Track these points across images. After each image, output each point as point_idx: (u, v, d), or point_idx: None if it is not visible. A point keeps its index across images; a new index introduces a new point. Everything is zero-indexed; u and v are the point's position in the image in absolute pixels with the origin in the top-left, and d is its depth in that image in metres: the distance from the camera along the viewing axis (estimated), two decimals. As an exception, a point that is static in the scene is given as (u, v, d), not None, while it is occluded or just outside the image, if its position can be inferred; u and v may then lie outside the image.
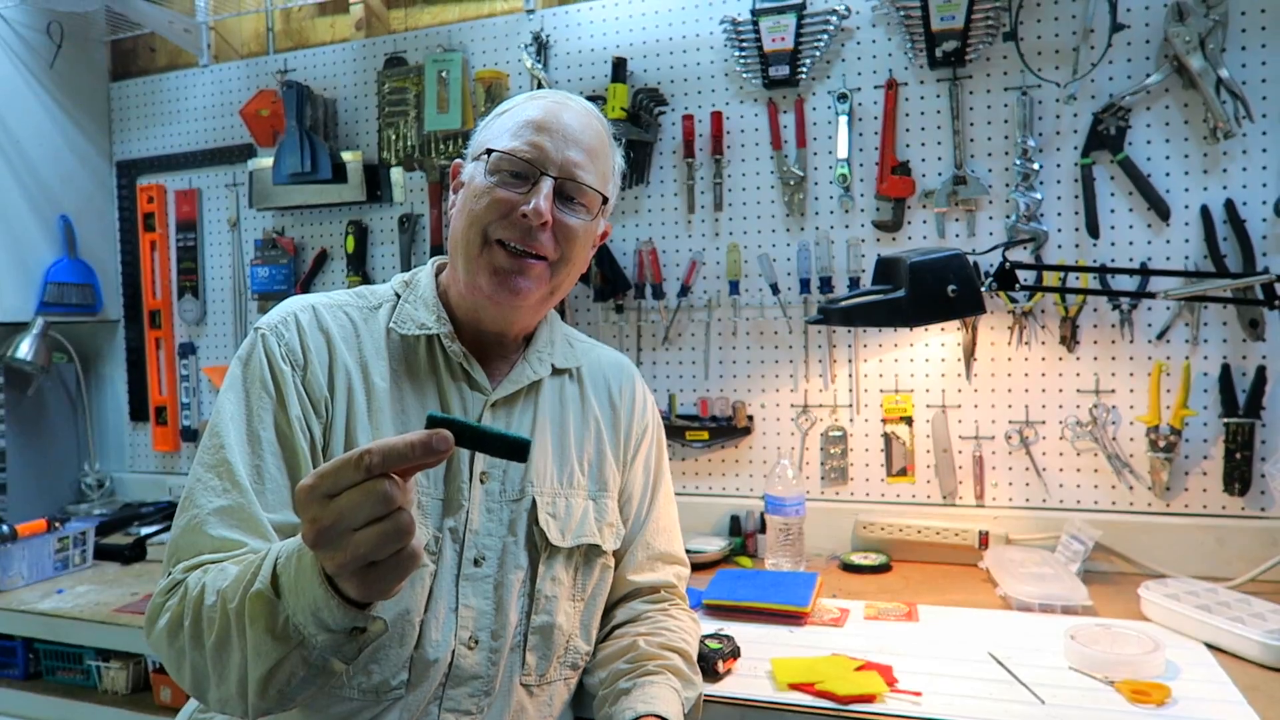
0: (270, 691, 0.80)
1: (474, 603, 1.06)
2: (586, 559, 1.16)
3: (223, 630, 0.82)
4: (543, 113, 1.09)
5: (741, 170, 2.02)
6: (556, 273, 1.09)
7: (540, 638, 1.10)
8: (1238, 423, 1.68)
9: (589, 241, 1.14)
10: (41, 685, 1.81)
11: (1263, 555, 1.61)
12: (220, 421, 1.01)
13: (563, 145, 1.07)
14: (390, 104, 2.28)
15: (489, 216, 1.05)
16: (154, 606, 0.92)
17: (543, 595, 1.10)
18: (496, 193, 1.05)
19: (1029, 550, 1.73)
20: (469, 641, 1.05)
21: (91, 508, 2.47)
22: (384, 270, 2.34)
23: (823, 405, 1.97)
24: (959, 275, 1.41)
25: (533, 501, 1.11)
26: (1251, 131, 1.69)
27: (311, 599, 0.73)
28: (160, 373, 2.57)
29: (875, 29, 1.92)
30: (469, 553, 1.06)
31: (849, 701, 1.17)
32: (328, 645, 0.76)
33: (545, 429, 1.16)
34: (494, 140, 1.09)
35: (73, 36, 2.47)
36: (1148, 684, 1.17)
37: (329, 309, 1.10)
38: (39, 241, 2.39)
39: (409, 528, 0.66)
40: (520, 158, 1.06)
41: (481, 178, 1.07)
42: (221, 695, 0.85)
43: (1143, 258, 1.76)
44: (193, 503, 0.96)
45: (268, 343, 1.05)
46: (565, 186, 1.07)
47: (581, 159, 1.08)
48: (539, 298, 1.10)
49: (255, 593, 0.78)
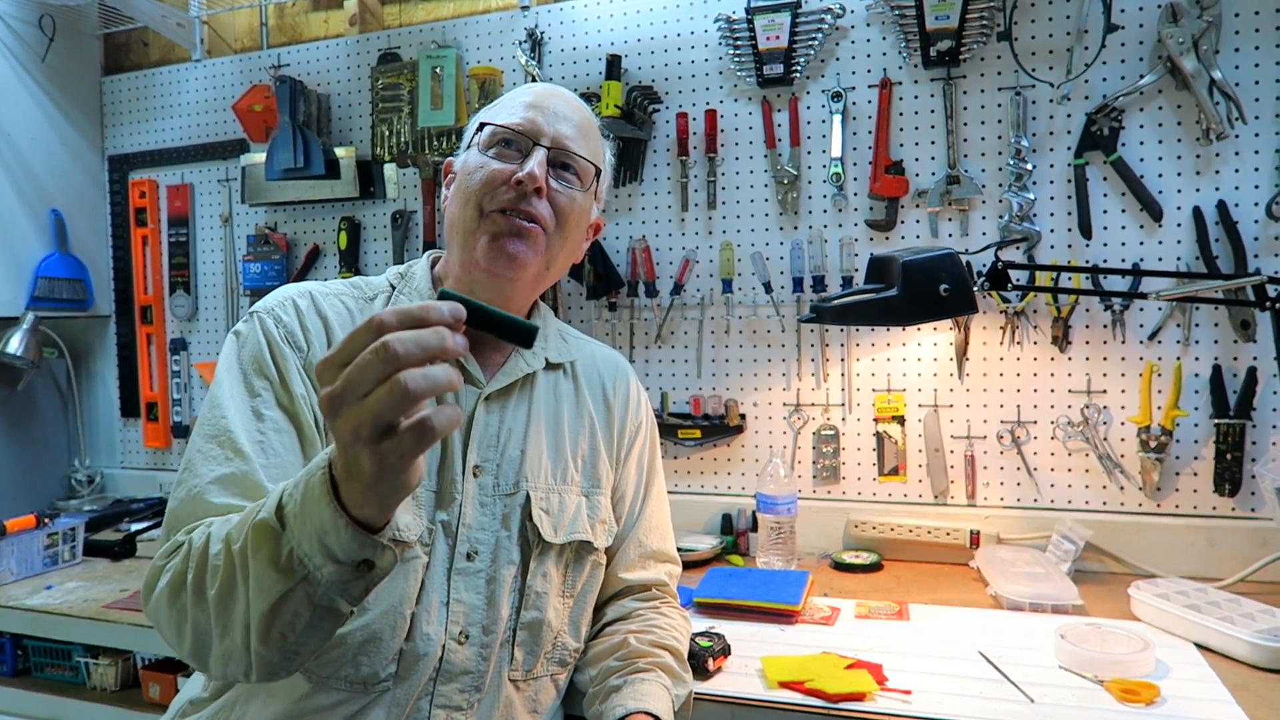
0: (273, 635, 0.76)
1: (466, 597, 1.05)
2: (578, 556, 1.15)
3: (227, 575, 0.79)
4: (534, 95, 1.13)
5: (735, 169, 2.02)
6: (552, 244, 1.10)
7: (528, 633, 1.09)
8: (1228, 423, 1.69)
9: (583, 220, 1.15)
10: (30, 681, 1.80)
11: (1252, 556, 1.62)
12: (219, 395, 0.99)
13: (554, 120, 1.10)
14: (384, 100, 2.28)
15: (484, 190, 1.06)
16: (153, 570, 0.90)
17: (533, 591, 1.09)
18: (491, 165, 1.07)
19: (1020, 549, 1.74)
20: (459, 636, 1.04)
21: (82, 504, 2.46)
22: (377, 267, 2.33)
23: (815, 404, 1.97)
24: (951, 275, 1.41)
25: (526, 496, 1.10)
26: (1244, 133, 1.69)
27: (319, 523, 0.70)
28: (151, 368, 2.56)
29: (870, 28, 1.92)
30: (461, 546, 1.06)
31: (839, 700, 1.17)
32: (334, 580, 0.73)
33: (539, 424, 1.15)
34: (487, 118, 1.12)
35: (65, 30, 2.46)
36: (1137, 683, 1.17)
37: (325, 296, 1.10)
38: (30, 236, 2.38)
39: (421, 385, 0.61)
40: (513, 128, 1.09)
41: (476, 155, 1.10)
42: (225, 649, 0.81)
43: (1135, 258, 1.76)
44: (192, 472, 0.94)
45: (265, 325, 1.04)
46: (558, 156, 1.10)
47: (573, 132, 1.11)
48: (535, 269, 1.10)
49: (259, 522, 0.75)
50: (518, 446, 1.12)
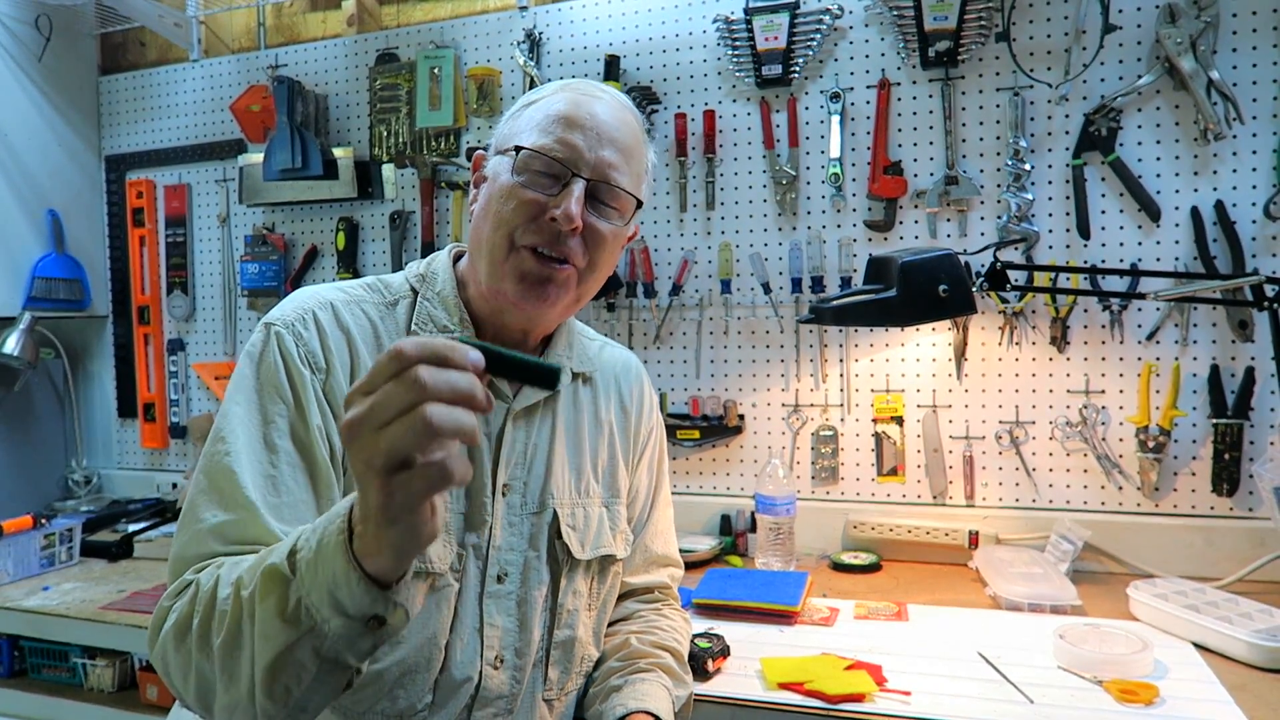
0: (278, 688, 0.73)
1: (499, 621, 1.02)
2: (602, 568, 1.13)
3: (234, 622, 0.75)
4: (574, 107, 1.00)
5: (734, 169, 2.02)
6: (584, 280, 1.03)
7: (561, 652, 1.07)
8: (1226, 423, 1.69)
9: (618, 246, 1.06)
10: (27, 683, 1.79)
11: (1250, 555, 1.62)
12: (227, 426, 0.92)
13: (596, 144, 0.99)
14: (382, 100, 2.27)
15: (516, 220, 0.98)
16: (160, 610, 0.85)
17: (565, 609, 1.07)
18: (525, 194, 0.97)
19: (1018, 550, 1.74)
20: (494, 661, 1.02)
21: (79, 504, 2.45)
22: (375, 268, 2.33)
23: (814, 405, 1.97)
24: (950, 275, 1.41)
25: (554, 514, 1.07)
26: (1242, 133, 1.69)
27: (330, 574, 0.67)
28: (149, 369, 2.56)
29: (868, 29, 1.92)
30: (492, 569, 1.02)
31: (838, 701, 1.17)
32: (341, 635, 0.69)
33: (561, 437, 1.10)
34: (521, 135, 1.01)
35: (62, 30, 2.45)
36: (1136, 683, 1.17)
37: (347, 305, 1.02)
38: (26, 236, 2.37)
39: (445, 421, 0.59)
40: (551, 157, 0.98)
41: (508, 175, 0.99)
42: (230, 700, 0.77)
43: (1133, 259, 1.76)
44: (195, 516, 0.89)
45: (284, 342, 0.96)
46: (598, 189, 0.99)
47: (616, 159, 1.00)
48: (565, 304, 1.03)
49: (269, 568, 0.72)
50: (543, 463, 1.07)
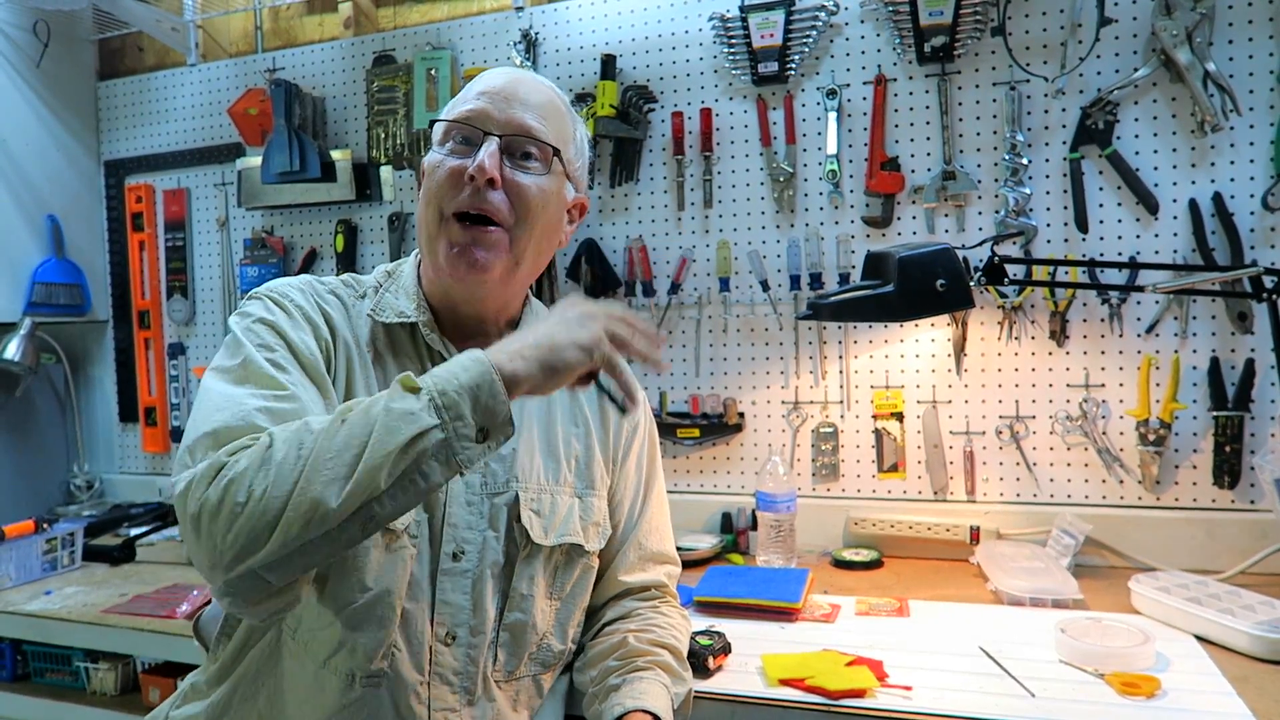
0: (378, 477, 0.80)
1: (452, 598, 1.04)
2: (568, 558, 1.14)
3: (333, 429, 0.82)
4: (486, 80, 1.09)
5: (731, 167, 2.02)
6: (517, 240, 1.06)
7: (510, 635, 1.08)
8: (1227, 416, 1.68)
9: (550, 202, 1.09)
10: (30, 687, 1.79)
11: (1252, 548, 1.62)
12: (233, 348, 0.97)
13: (505, 105, 1.05)
14: (379, 102, 2.27)
15: (443, 190, 1.04)
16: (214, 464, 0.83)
17: (518, 593, 1.08)
18: (448, 163, 1.04)
19: (1020, 545, 1.73)
20: (446, 638, 1.03)
21: (80, 509, 2.46)
22: (374, 270, 2.33)
23: (813, 402, 1.97)
24: (948, 270, 1.40)
25: (515, 496, 1.09)
26: (1239, 125, 1.69)
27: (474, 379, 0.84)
28: (149, 373, 2.56)
29: (864, 25, 1.92)
30: (447, 546, 1.04)
31: (840, 696, 1.16)
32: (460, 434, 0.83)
33: (531, 424, 1.14)
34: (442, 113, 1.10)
35: (60, 35, 2.46)
36: (1138, 676, 1.17)
37: (324, 288, 1.11)
38: (26, 241, 2.38)
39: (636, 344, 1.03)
40: (464, 122, 1.05)
41: (435, 152, 1.07)
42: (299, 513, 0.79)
43: (1131, 252, 1.76)
44: (233, 399, 0.90)
45: (273, 299, 1.03)
46: (513, 143, 1.05)
47: (528, 116, 1.06)
48: (501, 269, 1.06)
49: (403, 377, 0.84)
50: (509, 445, 1.09)
